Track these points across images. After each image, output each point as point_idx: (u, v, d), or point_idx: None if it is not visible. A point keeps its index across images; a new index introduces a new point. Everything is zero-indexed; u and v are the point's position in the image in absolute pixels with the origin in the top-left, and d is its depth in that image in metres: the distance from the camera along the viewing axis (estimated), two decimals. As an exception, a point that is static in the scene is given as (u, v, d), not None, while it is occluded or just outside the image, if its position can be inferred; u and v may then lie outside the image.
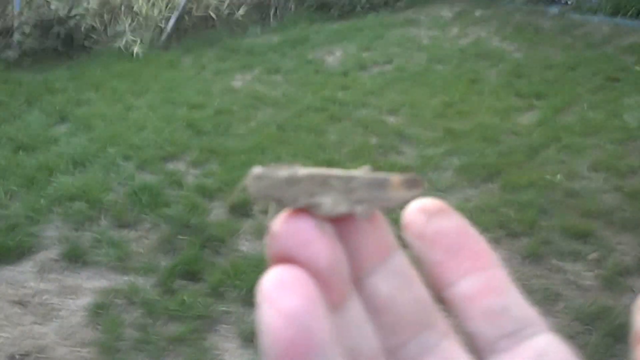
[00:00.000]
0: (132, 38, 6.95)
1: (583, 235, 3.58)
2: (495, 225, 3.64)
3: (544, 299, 3.06)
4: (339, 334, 0.39)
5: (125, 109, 5.40)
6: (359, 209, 0.43)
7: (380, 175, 0.44)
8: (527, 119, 5.23)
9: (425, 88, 5.89)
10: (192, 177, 4.25)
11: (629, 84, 5.91)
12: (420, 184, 0.45)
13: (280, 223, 0.40)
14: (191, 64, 6.74)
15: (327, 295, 0.39)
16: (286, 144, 4.69)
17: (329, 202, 0.42)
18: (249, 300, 3.06)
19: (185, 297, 3.08)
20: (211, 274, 3.26)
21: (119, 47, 6.89)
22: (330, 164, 4.34)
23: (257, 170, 0.44)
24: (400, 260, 0.44)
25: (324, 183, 0.43)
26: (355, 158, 4.49)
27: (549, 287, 3.17)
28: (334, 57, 6.96)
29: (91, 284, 3.22)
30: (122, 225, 3.70)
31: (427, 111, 5.33)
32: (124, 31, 7.01)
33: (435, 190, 3.98)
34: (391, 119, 5.23)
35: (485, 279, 0.44)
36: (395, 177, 0.44)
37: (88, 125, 5.02)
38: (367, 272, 0.43)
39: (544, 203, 3.89)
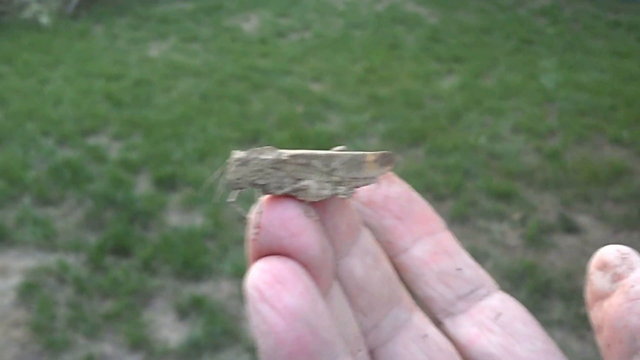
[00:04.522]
0: (39, 8, 6.65)
1: (506, 196, 3.68)
2: (421, 189, 3.69)
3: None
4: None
5: (40, 83, 5.18)
6: (341, 190, 0.44)
7: (357, 153, 0.47)
8: (447, 83, 5.31)
9: (346, 54, 5.88)
10: (114, 151, 4.13)
11: (543, 47, 6.09)
12: (391, 161, 0.47)
13: (267, 212, 0.41)
14: (103, 33, 6.50)
15: (317, 285, 0.39)
16: (211, 115, 4.60)
17: (315, 186, 0.43)
18: (182, 273, 3.04)
19: (116, 273, 3.02)
20: (141, 249, 3.19)
21: (27, 18, 6.59)
22: (257, 133, 4.31)
23: (240, 154, 0.45)
24: (367, 238, 0.45)
25: (307, 165, 0.45)
26: (282, 127, 4.46)
27: (477, 247, 3.26)
28: (250, 24, 6.85)
29: (19, 263, 3.10)
30: (46, 202, 3.56)
31: (349, 78, 5.33)
32: (30, 0, 6.69)
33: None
34: (315, 87, 5.20)
35: (436, 242, 0.46)
36: (370, 155, 0.47)
37: (2, 100, 4.78)
38: (341, 254, 0.43)
39: (468, 166, 3.97)
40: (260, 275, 0.37)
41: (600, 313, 0.39)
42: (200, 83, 5.21)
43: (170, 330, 2.75)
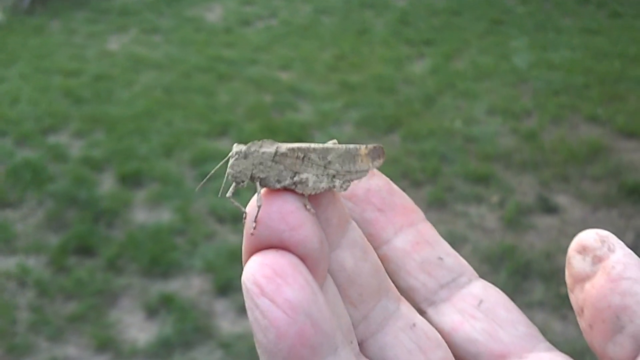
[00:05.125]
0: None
1: (484, 179, 3.63)
2: (398, 176, 3.63)
3: (451, 244, 3.06)
4: None
5: (-5, 82, 5.02)
6: (337, 183, 0.45)
7: (351, 146, 0.47)
8: (419, 67, 5.23)
9: (315, 41, 5.78)
10: (76, 149, 3.99)
11: (514, 26, 6.05)
12: (383, 154, 0.49)
13: (265, 205, 0.41)
14: (60, 28, 6.32)
15: (315, 278, 0.39)
16: (176, 108, 4.48)
17: (313, 180, 0.44)
18: (149, 270, 2.97)
19: (80, 274, 2.93)
20: (106, 248, 3.10)
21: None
22: (225, 125, 4.21)
23: (240, 148, 0.45)
24: (356, 230, 0.45)
25: (304, 158, 0.45)
26: (251, 117, 4.35)
27: (455, 231, 3.21)
28: (214, 13, 6.71)
29: (-22, 268, 3.00)
30: (5, 205, 3.44)
31: (319, 65, 5.23)
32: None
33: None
34: (283, 75, 5.09)
35: (417, 232, 0.47)
36: (363, 148, 0.48)
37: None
38: (333, 247, 0.44)
39: (444, 150, 3.91)
40: (259, 269, 0.38)
41: (581, 295, 0.39)
42: (163, 76, 5.07)
43: (139, 330, 2.68)
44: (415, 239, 0.47)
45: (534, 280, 2.91)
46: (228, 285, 2.87)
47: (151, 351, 2.57)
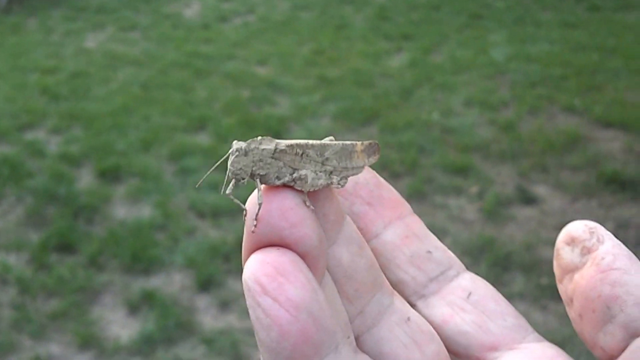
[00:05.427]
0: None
1: (463, 170, 3.64)
2: (377, 168, 3.56)
3: (433, 236, 3.08)
4: None
5: (-30, 80, 4.95)
6: (335, 179, 0.45)
7: (347, 143, 0.48)
8: (397, 61, 5.25)
9: (292, 36, 5.78)
10: (53, 145, 3.96)
11: (493, 21, 6.09)
12: (378, 150, 0.49)
13: (266, 203, 0.41)
14: (37, 27, 6.27)
15: (314, 275, 0.39)
16: (153, 104, 4.46)
17: (311, 176, 0.44)
18: (131, 267, 2.95)
19: (61, 271, 2.90)
20: (87, 244, 3.08)
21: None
22: (203, 120, 4.19)
23: (240, 145, 0.45)
24: (351, 225, 0.45)
25: (303, 154, 0.46)
26: (229, 112, 4.34)
27: (435, 223, 3.21)
28: (191, 10, 6.70)
29: (-43, 266, 2.96)
30: (-17, 201, 3.41)
31: (297, 60, 5.24)
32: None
33: (315, 139, 3.90)
34: (261, 70, 5.09)
35: (406, 226, 0.48)
36: (359, 144, 0.48)
37: None
38: (330, 242, 0.43)
39: (422, 142, 3.91)
40: (261, 267, 0.38)
41: (570, 286, 0.40)
42: (140, 72, 5.04)
43: (121, 327, 2.67)
44: (404, 232, 0.47)
45: (514, 272, 2.92)
46: (209, 281, 2.86)
47: (134, 348, 2.55)
